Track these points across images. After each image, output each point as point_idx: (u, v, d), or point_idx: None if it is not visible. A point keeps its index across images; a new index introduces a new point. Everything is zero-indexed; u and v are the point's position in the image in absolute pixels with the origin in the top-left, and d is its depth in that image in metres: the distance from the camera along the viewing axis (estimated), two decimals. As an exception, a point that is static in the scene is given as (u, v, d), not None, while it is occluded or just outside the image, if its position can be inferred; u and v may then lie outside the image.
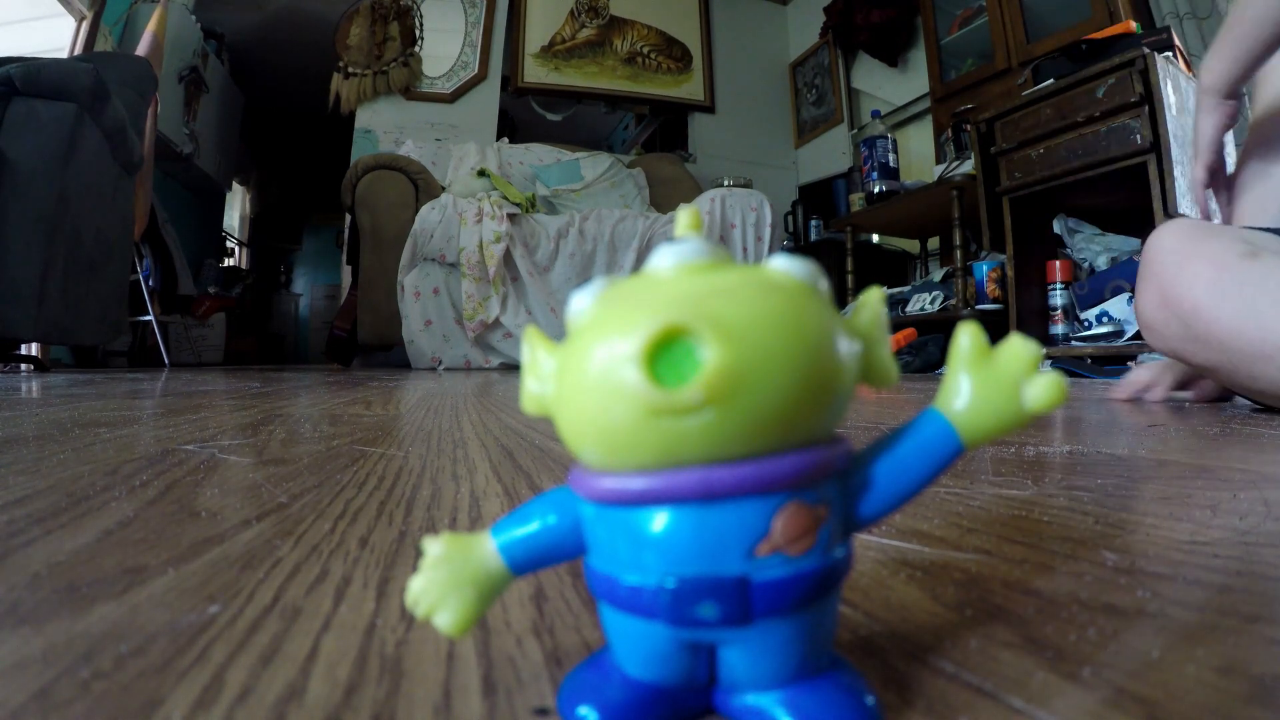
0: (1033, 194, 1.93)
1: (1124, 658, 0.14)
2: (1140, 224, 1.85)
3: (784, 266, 0.11)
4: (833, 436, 0.12)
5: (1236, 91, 0.74)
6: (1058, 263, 1.93)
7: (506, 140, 3.30)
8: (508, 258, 2.50)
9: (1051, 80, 1.86)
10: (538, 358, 0.12)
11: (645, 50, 3.75)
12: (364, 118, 3.35)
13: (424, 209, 2.48)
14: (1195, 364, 0.65)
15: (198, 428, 0.58)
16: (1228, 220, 0.73)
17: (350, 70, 3.32)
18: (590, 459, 0.12)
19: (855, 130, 3.52)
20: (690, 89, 3.80)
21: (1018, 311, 1.96)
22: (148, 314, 2.67)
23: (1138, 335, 1.74)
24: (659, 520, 0.11)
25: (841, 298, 2.76)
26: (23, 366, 2.12)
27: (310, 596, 0.18)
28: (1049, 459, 0.42)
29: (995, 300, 2.07)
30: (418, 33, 3.42)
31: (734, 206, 2.73)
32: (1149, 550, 0.22)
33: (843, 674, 0.12)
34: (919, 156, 3.18)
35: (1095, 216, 1.99)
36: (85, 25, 2.77)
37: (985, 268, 2.08)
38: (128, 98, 2.13)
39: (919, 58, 3.07)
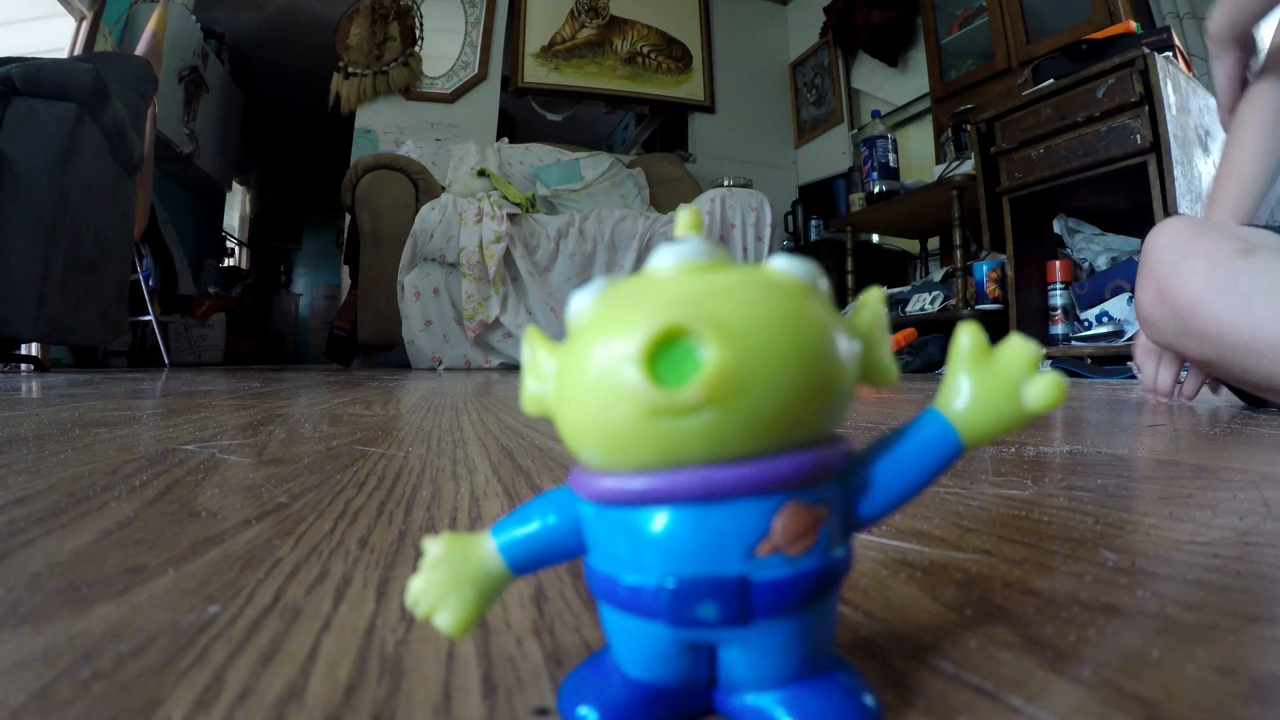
0: (1033, 194, 1.93)
1: (1124, 658, 0.14)
2: (1140, 224, 1.85)
3: (784, 266, 0.11)
4: (833, 436, 0.12)
5: (1242, 38, 0.73)
6: (1058, 263, 1.93)
7: (506, 140, 3.30)
8: (508, 258, 2.50)
9: (1051, 80, 1.86)
10: (538, 358, 0.12)
11: (645, 50, 3.75)
12: (364, 118, 3.35)
13: (424, 209, 2.48)
14: (1190, 357, 0.66)
15: (198, 428, 0.58)
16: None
17: (350, 70, 3.32)
18: (590, 459, 0.12)
19: (855, 130, 3.52)
20: (690, 89, 3.80)
21: (1018, 311, 1.96)
22: (148, 314, 2.67)
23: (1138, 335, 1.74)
24: (659, 520, 0.11)
25: (841, 298, 2.76)
26: (23, 366, 2.12)
27: (310, 596, 0.18)
28: (1049, 459, 0.42)
29: (995, 300, 2.07)
30: (418, 33, 3.42)
31: (734, 206, 2.73)
32: (1149, 550, 0.22)
33: (843, 674, 0.12)
34: (919, 156, 3.18)
35: (1095, 216, 1.99)
36: (85, 25, 2.77)
37: (985, 268, 2.08)
38: (128, 98, 2.13)
39: (919, 58, 3.07)
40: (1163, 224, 0.69)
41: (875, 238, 3.33)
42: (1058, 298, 1.93)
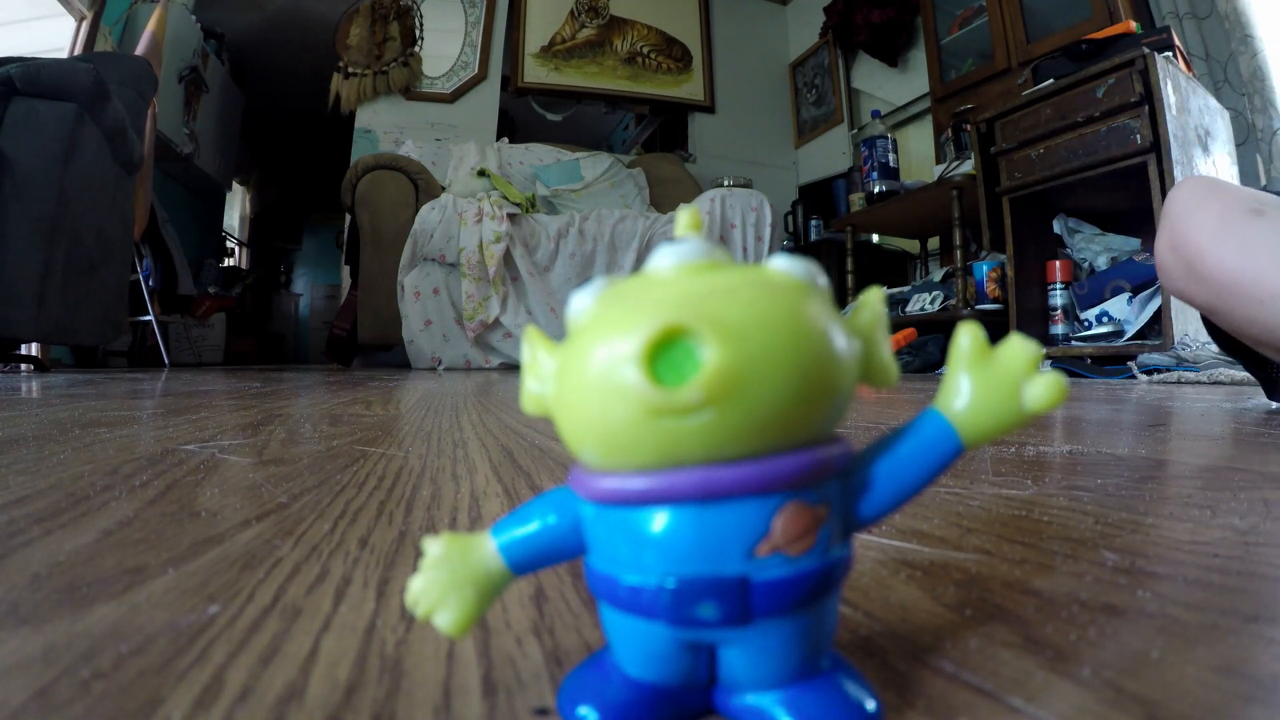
0: (1033, 194, 1.93)
1: (1124, 658, 0.14)
2: (1140, 224, 1.85)
3: (783, 266, 0.11)
4: (833, 436, 0.12)
5: None
6: (1058, 263, 1.93)
7: (506, 140, 3.30)
8: (508, 258, 2.50)
9: (1051, 80, 1.86)
10: (538, 358, 0.12)
11: (645, 50, 3.75)
12: (364, 118, 3.35)
13: (424, 209, 2.48)
14: (1198, 304, 0.70)
15: (198, 428, 0.58)
16: None
17: (350, 70, 3.32)
18: (590, 459, 0.12)
19: (855, 130, 3.52)
20: (690, 89, 3.80)
21: (1018, 311, 1.96)
22: (148, 314, 2.67)
23: (1138, 335, 1.74)
24: (659, 520, 0.11)
25: (841, 298, 2.76)
26: (23, 366, 2.12)
27: (310, 596, 0.18)
28: (1049, 459, 0.42)
29: (995, 300, 2.07)
30: (418, 33, 3.42)
31: (734, 206, 2.73)
32: (1149, 550, 0.22)
33: (843, 674, 0.12)
34: (919, 156, 3.18)
35: (1095, 216, 1.99)
36: (85, 25, 2.77)
37: (985, 268, 2.08)
38: (128, 98, 2.13)
39: (919, 58, 3.07)
40: (1182, 181, 0.71)
41: (875, 238, 3.33)
42: (1058, 298, 1.93)
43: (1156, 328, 1.71)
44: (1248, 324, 0.65)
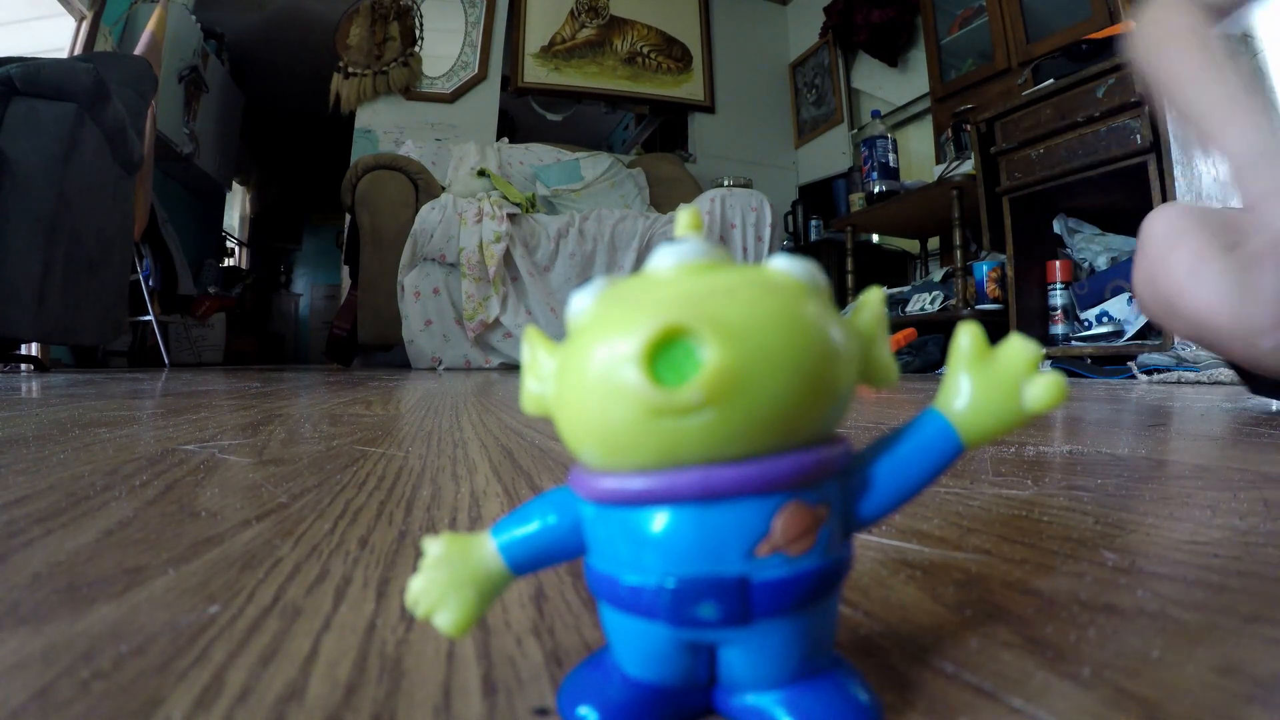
0: (1033, 194, 1.93)
1: (1124, 658, 0.14)
2: (1140, 224, 1.85)
3: (784, 266, 0.11)
4: (833, 436, 0.12)
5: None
6: (1058, 263, 1.93)
7: (506, 140, 3.30)
8: (508, 258, 2.50)
9: (1051, 80, 1.86)
10: (538, 358, 0.12)
11: (645, 50, 3.75)
12: (364, 118, 3.35)
13: (424, 209, 2.48)
14: (1179, 337, 0.69)
15: (198, 428, 0.58)
16: None
17: (350, 70, 3.32)
18: (590, 459, 0.12)
19: (855, 130, 3.52)
20: (690, 89, 3.80)
21: (1018, 311, 1.96)
22: (148, 314, 2.67)
23: (1138, 335, 1.74)
24: (659, 520, 0.11)
25: (841, 298, 2.76)
26: (23, 366, 2.12)
27: (310, 596, 0.18)
28: (1049, 459, 0.42)
29: (995, 300, 2.07)
30: (418, 33, 3.42)
31: (734, 206, 2.73)
32: (1149, 550, 0.22)
33: (843, 674, 0.12)
34: (919, 156, 3.18)
35: (1095, 216, 1.99)
36: (85, 25, 2.77)
37: (985, 268, 2.08)
38: (128, 98, 2.13)
39: (919, 58, 3.07)
40: (1157, 212, 0.70)
41: (875, 238, 3.32)
42: (1058, 298, 1.93)
43: (1156, 328, 1.71)
44: (1228, 356, 0.65)
